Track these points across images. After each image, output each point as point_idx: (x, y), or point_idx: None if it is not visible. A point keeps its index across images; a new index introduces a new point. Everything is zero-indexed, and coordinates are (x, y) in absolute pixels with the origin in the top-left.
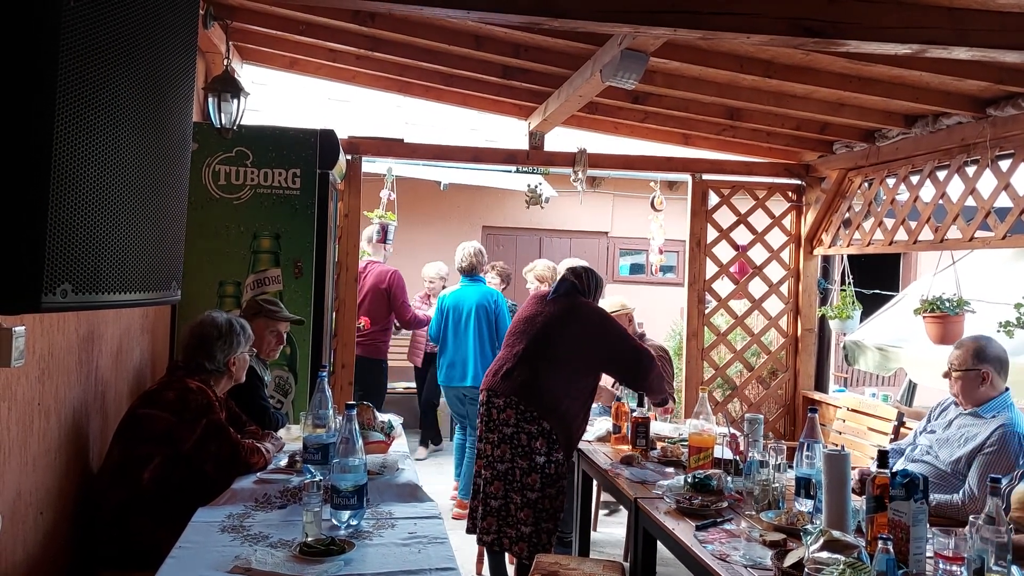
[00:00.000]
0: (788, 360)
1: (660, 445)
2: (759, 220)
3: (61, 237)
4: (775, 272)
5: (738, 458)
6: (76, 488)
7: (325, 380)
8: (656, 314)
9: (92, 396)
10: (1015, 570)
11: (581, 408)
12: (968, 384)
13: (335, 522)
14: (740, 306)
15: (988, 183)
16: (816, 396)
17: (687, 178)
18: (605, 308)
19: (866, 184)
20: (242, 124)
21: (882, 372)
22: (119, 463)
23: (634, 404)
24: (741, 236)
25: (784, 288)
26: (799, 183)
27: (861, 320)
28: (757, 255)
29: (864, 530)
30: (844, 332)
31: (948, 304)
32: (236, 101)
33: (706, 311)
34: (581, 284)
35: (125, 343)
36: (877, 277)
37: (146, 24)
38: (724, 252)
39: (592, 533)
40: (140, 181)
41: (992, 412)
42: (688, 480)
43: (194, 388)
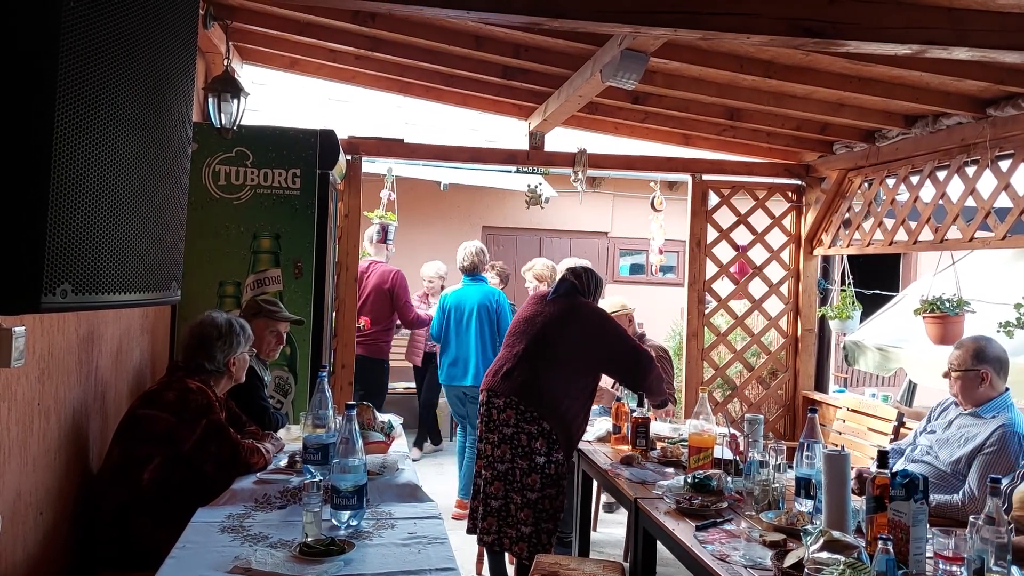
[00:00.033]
0: (788, 360)
1: (660, 445)
2: (759, 220)
3: (61, 237)
4: (775, 272)
5: (738, 458)
6: (76, 488)
7: (325, 380)
8: (656, 314)
9: (92, 396)
10: (1015, 570)
11: (581, 408)
12: (967, 384)
13: (335, 522)
14: (740, 306)
15: (988, 183)
16: (816, 396)
17: (687, 178)
18: (605, 308)
19: (866, 184)
20: (242, 124)
21: (882, 372)
22: (119, 463)
23: (634, 404)
24: (741, 236)
25: (784, 288)
26: (799, 183)
27: (861, 320)
28: (757, 255)
29: (864, 530)
30: (844, 332)
31: (948, 304)
32: (236, 101)
33: (706, 311)
34: (581, 284)
35: (125, 343)
36: (877, 277)
37: (146, 24)
38: (724, 252)
39: (592, 533)
40: (140, 181)
41: (992, 412)
42: (688, 480)
43: (194, 388)
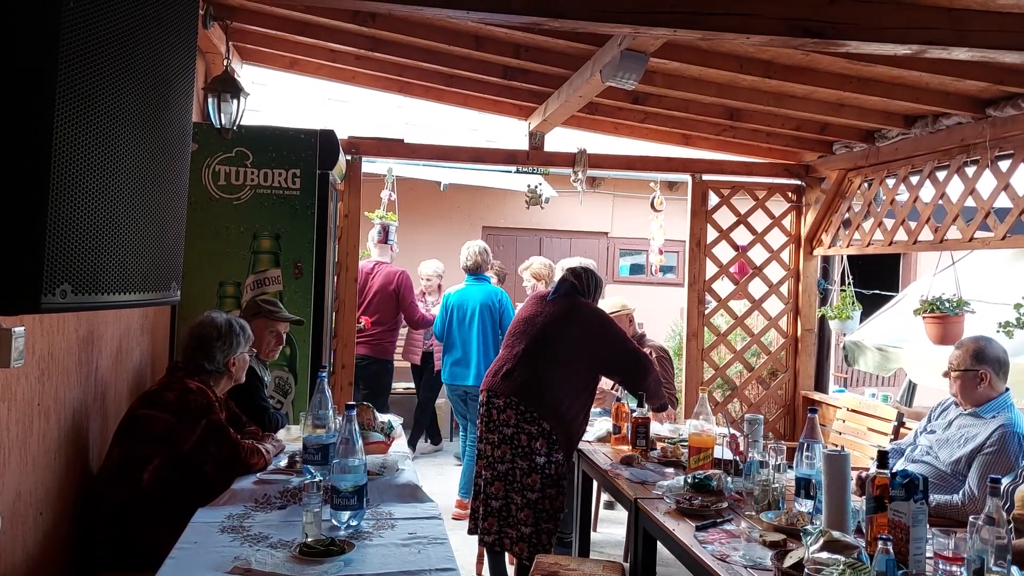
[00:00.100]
0: (788, 360)
1: (660, 445)
2: (759, 220)
3: (61, 237)
4: (775, 272)
5: (738, 458)
6: (76, 489)
7: (325, 380)
8: (656, 314)
9: (92, 397)
10: (1015, 571)
11: (581, 409)
12: (967, 384)
13: (335, 523)
14: (740, 306)
15: (988, 183)
16: (816, 396)
17: (687, 178)
18: (605, 308)
19: (866, 184)
20: (242, 124)
21: (882, 372)
22: (119, 464)
23: (634, 405)
24: (741, 236)
25: (784, 288)
26: (799, 183)
27: (861, 320)
28: (757, 255)
29: (864, 530)
30: (844, 332)
31: (948, 304)
32: (236, 101)
33: (706, 311)
34: (581, 285)
35: (125, 344)
36: (877, 277)
37: (146, 24)
38: (724, 252)
39: (592, 533)
40: (140, 181)
41: (992, 412)
42: (688, 480)
43: (194, 389)
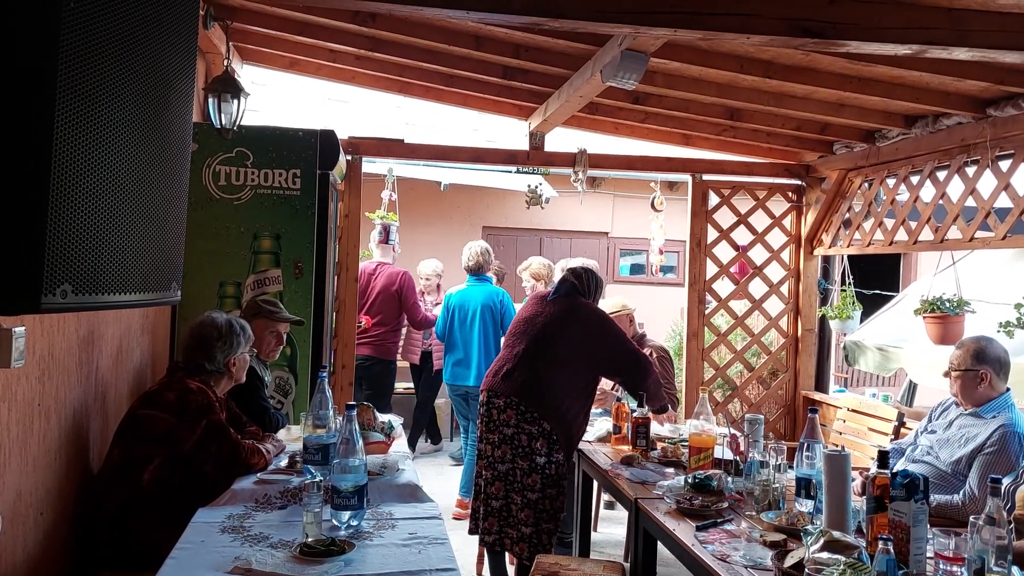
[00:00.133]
0: (788, 360)
1: (660, 445)
2: (759, 220)
3: (61, 237)
4: (775, 272)
5: (738, 458)
6: (76, 489)
7: (325, 380)
8: (656, 314)
9: (92, 397)
10: (1016, 571)
11: (581, 409)
12: (967, 384)
13: (335, 523)
14: (740, 306)
15: (988, 183)
16: (816, 396)
17: (687, 178)
18: (605, 308)
19: (866, 184)
20: (242, 124)
21: (882, 372)
22: (119, 464)
23: (634, 405)
24: (741, 236)
25: (784, 288)
26: (799, 183)
27: (861, 320)
28: (757, 255)
29: (864, 530)
30: (844, 332)
31: (948, 304)
32: (236, 101)
33: (706, 311)
34: (581, 285)
35: (125, 344)
36: (877, 277)
37: (146, 24)
38: (724, 252)
39: (592, 533)
40: (140, 181)
41: (992, 412)
42: (688, 480)
43: (194, 389)
